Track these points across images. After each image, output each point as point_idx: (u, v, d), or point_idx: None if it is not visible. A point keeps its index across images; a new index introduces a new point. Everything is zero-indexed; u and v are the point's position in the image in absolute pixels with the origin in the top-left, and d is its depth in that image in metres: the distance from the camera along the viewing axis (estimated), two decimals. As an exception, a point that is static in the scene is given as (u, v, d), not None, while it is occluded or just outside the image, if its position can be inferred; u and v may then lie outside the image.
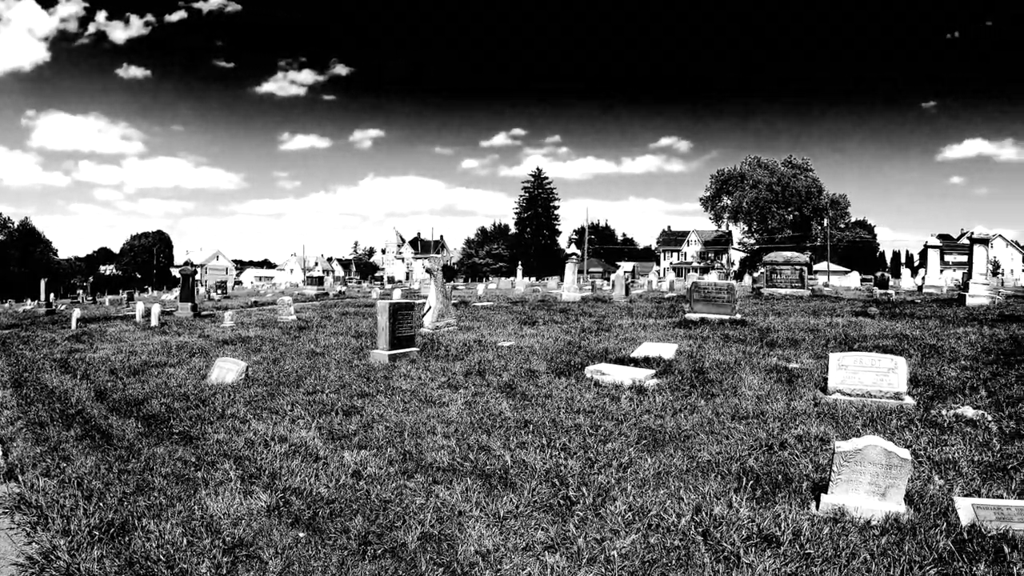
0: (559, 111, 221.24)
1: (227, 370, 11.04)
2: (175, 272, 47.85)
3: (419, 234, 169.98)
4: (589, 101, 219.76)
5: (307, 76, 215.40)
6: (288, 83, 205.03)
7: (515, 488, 5.88)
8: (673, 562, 4.56)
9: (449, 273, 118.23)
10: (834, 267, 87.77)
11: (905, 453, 5.27)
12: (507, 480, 6.10)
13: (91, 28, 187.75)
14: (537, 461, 6.57)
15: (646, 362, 11.88)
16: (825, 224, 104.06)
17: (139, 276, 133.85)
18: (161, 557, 4.69)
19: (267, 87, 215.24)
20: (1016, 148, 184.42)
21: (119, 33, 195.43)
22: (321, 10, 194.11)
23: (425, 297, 18.37)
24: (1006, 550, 4.61)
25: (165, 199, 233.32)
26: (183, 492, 5.97)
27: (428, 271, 18.71)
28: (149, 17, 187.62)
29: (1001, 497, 5.72)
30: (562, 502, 5.58)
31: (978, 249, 29.22)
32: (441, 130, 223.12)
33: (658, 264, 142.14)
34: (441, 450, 6.97)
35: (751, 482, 6.00)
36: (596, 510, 5.39)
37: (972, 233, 29.77)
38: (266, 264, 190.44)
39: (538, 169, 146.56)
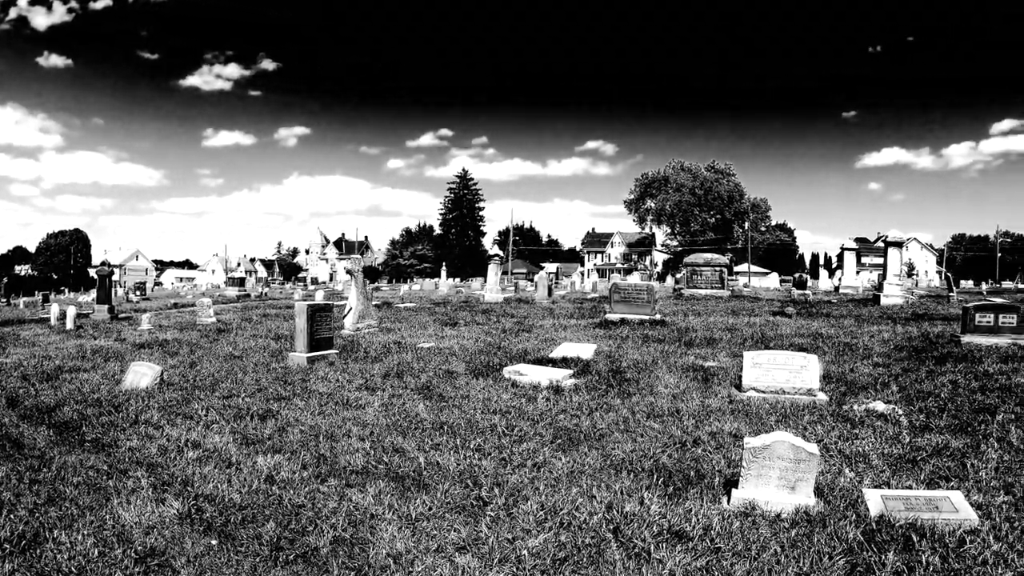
0: (487, 112, 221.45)
1: (142, 375, 10.68)
2: (93, 273, 46.09)
3: (343, 234, 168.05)
4: (517, 103, 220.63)
5: (233, 70, 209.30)
6: (214, 77, 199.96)
7: (429, 490, 5.87)
8: (584, 559, 4.59)
9: (373, 274, 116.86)
10: (755, 268, 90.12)
11: (813, 448, 5.39)
12: (421, 482, 6.08)
13: (12, 13, 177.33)
14: (451, 462, 6.58)
15: (564, 362, 11.95)
16: (746, 227, 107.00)
17: (56, 277, 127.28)
18: (73, 569, 4.53)
19: (192, 80, 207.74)
20: (932, 157, 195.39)
21: (41, 19, 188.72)
22: (250, 3, 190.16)
23: (347, 298, 18.09)
24: (914, 539, 4.75)
25: (84, 196, 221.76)
26: (95, 501, 5.75)
27: (349, 272, 18.46)
28: (73, 3, 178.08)
29: (910, 488, 5.93)
30: (475, 503, 5.59)
31: (892, 252, 30.48)
32: (368, 129, 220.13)
33: (582, 265, 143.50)
34: (356, 453, 6.90)
35: (664, 479, 6.10)
36: (508, 510, 5.40)
37: (887, 236, 30.97)
38: (187, 265, 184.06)
39: (464, 170, 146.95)
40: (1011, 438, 7.37)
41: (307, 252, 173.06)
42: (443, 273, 74.48)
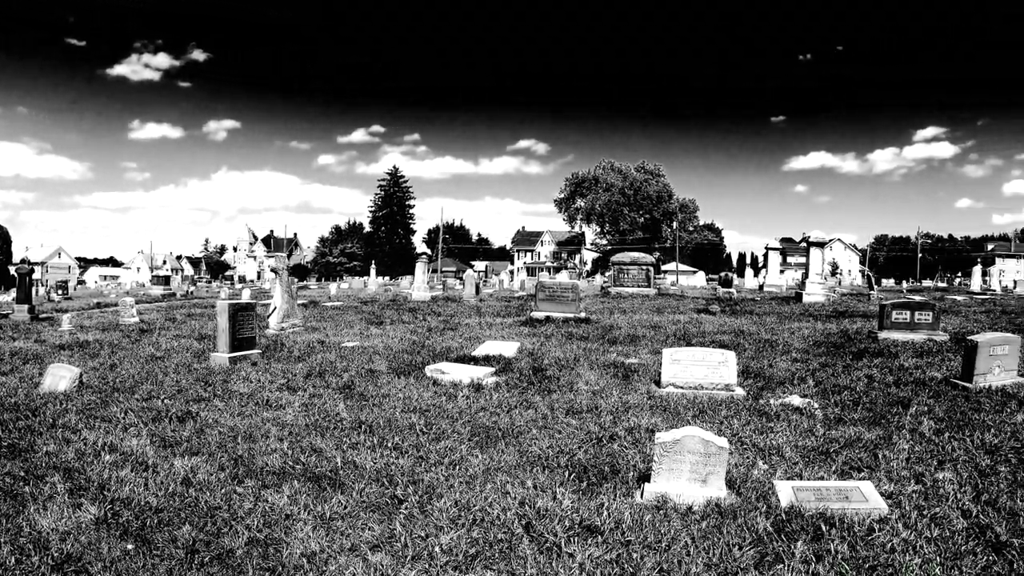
0: (419, 109, 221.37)
1: (60, 377, 10.32)
2: (12, 271, 43.92)
3: (272, 232, 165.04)
4: (450, 101, 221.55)
5: (162, 60, 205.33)
6: (142, 66, 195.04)
7: (345, 489, 5.85)
8: (496, 555, 4.62)
9: (302, 272, 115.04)
10: (683, 267, 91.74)
11: (722, 442, 5.50)
12: (337, 481, 6.06)
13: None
14: (368, 461, 6.56)
15: (486, 360, 11.96)
16: (675, 227, 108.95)
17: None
18: (-10, 579, 4.42)
19: (120, 70, 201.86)
20: (857, 161, 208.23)
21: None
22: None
23: (273, 297, 17.77)
24: (824, 529, 4.88)
25: (4, 189, 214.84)
26: (11, 508, 5.57)
27: (274, 270, 18.16)
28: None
29: (822, 479, 6.08)
30: (390, 501, 5.59)
31: (814, 251, 31.40)
32: (299, 124, 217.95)
33: (512, 264, 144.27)
34: (273, 454, 6.84)
35: (579, 474, 6.17)
36: (423, 508, 5.42)
37: (809, 237, 31.82)
38: (112, 262, 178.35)
39: (394, 167, 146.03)
40: (923, 429, 7.65)
41: (235, 250, 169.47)
42: (372, 271, 73.79)
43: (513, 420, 8.12)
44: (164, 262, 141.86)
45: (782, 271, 44.28)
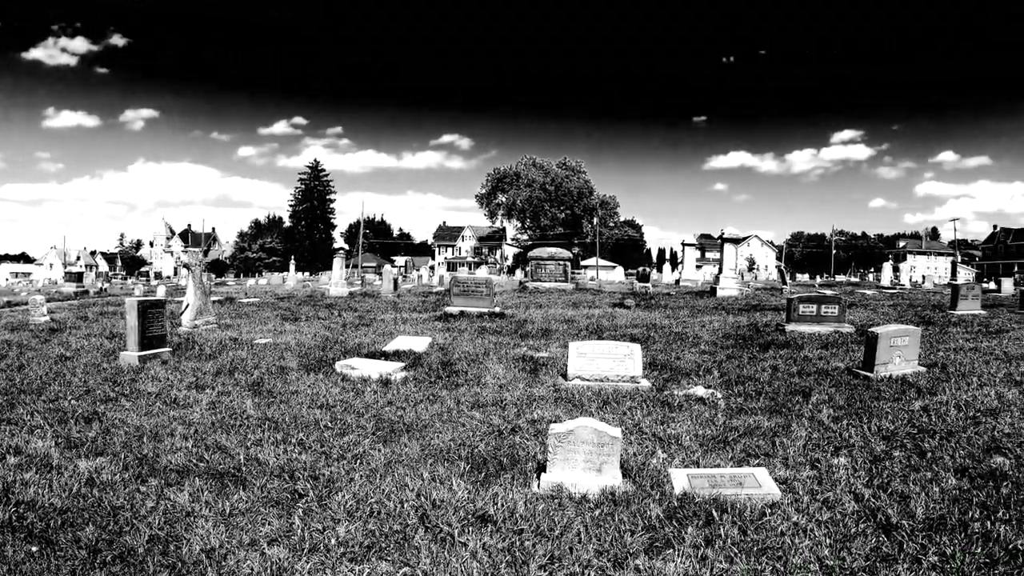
0: (343, 102, 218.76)
1: None
2: None
3: (190, 226, 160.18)
4: (374, 94, 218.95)
5: (80, 44, 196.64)
6: (59, 50, 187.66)
7: (247, 485, 5.85)
8: (391, 546, 4.68)
9: (220, 268, 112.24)
10: (603, 263, 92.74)
11: (616, 431, 5.62)
12: (240, 478, 6.04)
13: None
14: (271, 457, 6.56)
15: (397, 355, 11.91)
16: (595, 223, 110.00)
17: None
18: None
19: (35, 54, 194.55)
20: (776, 162, 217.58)
21: None
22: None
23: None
24: (715, 514, 5.01)
25: None
26: None
27: (186, 266, 17.60)
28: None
29: (719, 467, 6.23)
30: (291, 496, 5.62)
31: (728, 247, 32.17)
32: (219, 114, 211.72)
33: (433, 259, 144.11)
34: (177, 452, 6.77)
35: (478, 466, 6.25)
36: (322, 501, 5.46)
37: (725, 233, 32.54)
38: (23, 258, 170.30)
39: (315, 160, 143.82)
40: (822, 417, 7.92)
41: (151, 245, 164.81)
42: (291, 267, 72.89)
43: (418, 414, 8.16)
44: (78, 258, 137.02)
45: (699, 266, 45.33)
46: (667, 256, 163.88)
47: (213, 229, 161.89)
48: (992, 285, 48.25)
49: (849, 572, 4.36)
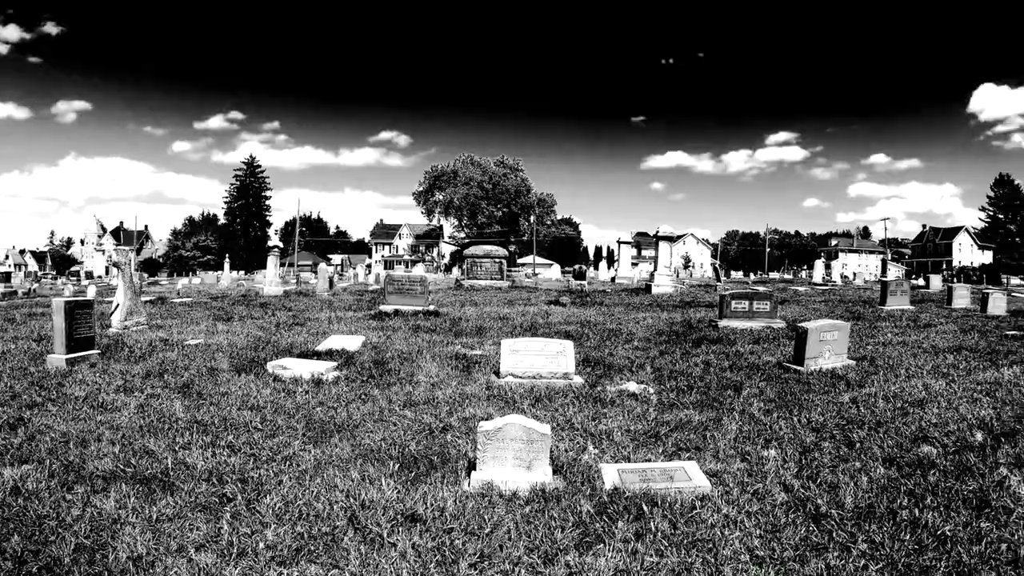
0: (281, 97, 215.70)
1: None
2: None
3: (122, 223, 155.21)
4: (312, 89, 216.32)
5: (12, 32, 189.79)
6: None
7: (174, 490, 5.70)
8: (320, 549, 4.60)
9: (153, 267, 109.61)
10: (540, 260, 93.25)
11: (545, 428, 5.61)
12: (168, 483, 5.88)
13: None
14: (200, 461, 6.41)
15: (329, 355, 11.76)
16: (532, 221, 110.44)
17: None
18: None
19: None
20: (712, 162, 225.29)
21: None
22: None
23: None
24: (646, 508, 5.01)
25: None
26: None
27: (116, 265, 17.10)
28: None
29: (650, 461, 6.25)
30: (219, 500, 5.49)
31: (663, 245, 32.59)
32: (154, 107, 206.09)
33: (370, 257, 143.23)
34: (105, 458, 6.56)
35: (409, 465, 6.15)
36: (250, 505, 5.34)
37: (659, 231, 32.94)
38: None
39: (252, 156, 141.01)
40: (753, 410, 8.04)
41: (82, 243, 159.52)
42: (226, 266, 71.56)
43: (350, 414, 8.04)
44: (7, 257, 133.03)
45: (635, 264, 45.84)
46: (604, 254, 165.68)
47: (146, 227, 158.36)
48: (921, 282, 49.78)
49: (779, 562, 4.38)
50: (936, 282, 42.12)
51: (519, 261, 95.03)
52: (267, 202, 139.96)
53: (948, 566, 4.33)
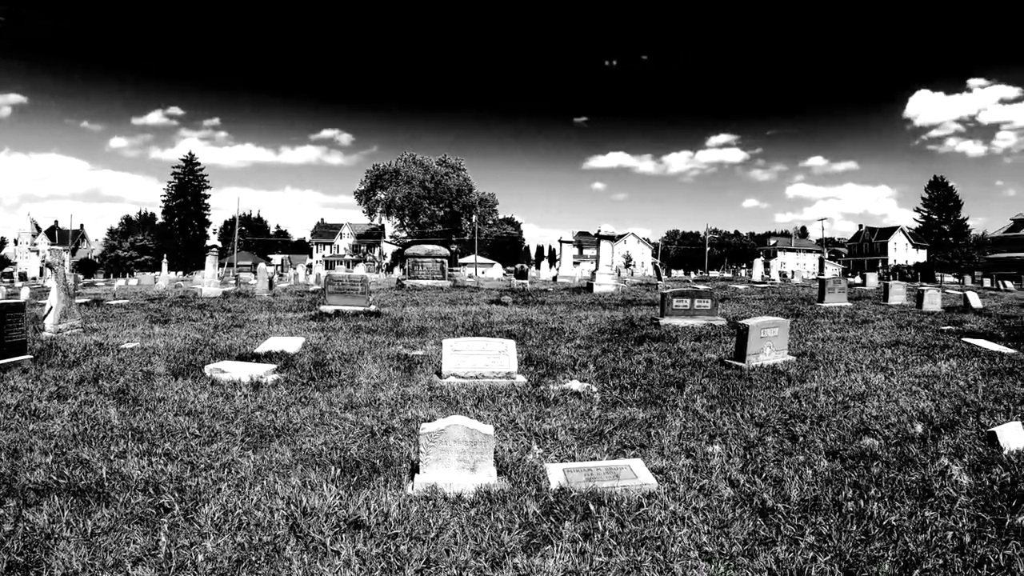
0: (221, 93, 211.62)
1: None
2: None
3: (57, 223, 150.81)
4: (254, 85, 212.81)
5: None
6: None
7: (110, 502, 5.47)
8: (262, 559, 4.46)
9: (89, 268, 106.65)
10: (482, 260, 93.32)
11: (488, 429, 5.54)
12: (103, 494, 5.65)
13: None
14: (136, 470, 6.18)
15: (268, 357, 11.53)
16: (474, 220, 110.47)
17: None
18: None
19: None
20: (653, 162, 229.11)
21: None
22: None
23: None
24: (593, 507, 4.97)
25: None
26: None
27: (49, 266, 16.49)
28: None
29: (595, 459, 6.21)
30: (156, 511, 5.29)
31: (604, 244, 32.84)
32: (91, 101, 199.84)
33: (311, 257, 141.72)
34: (37, 469, 6.27)
35: (351, 470, 6.02)
36: (188, 515, 5.16)
37: (601, 230, 33.17)
38: None
39: (190, 153, 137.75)
40: (697, 407, 8.08)
41: (16, 243, 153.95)
42: (164, 266, 69.88)
43: (290, 418, 7.87)
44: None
45: (577, 263, 46.10)
46: (545, 253, 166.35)
47: (82, 226, 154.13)
48: (858, 280, 51.11)
49: (728, 557, 4.38)
50: (872, 280, 43.29)
51: (461, 261, 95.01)
52: (206, 201, 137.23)
53: (895, 555, 4.38)
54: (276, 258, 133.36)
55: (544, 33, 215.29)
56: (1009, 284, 55.08)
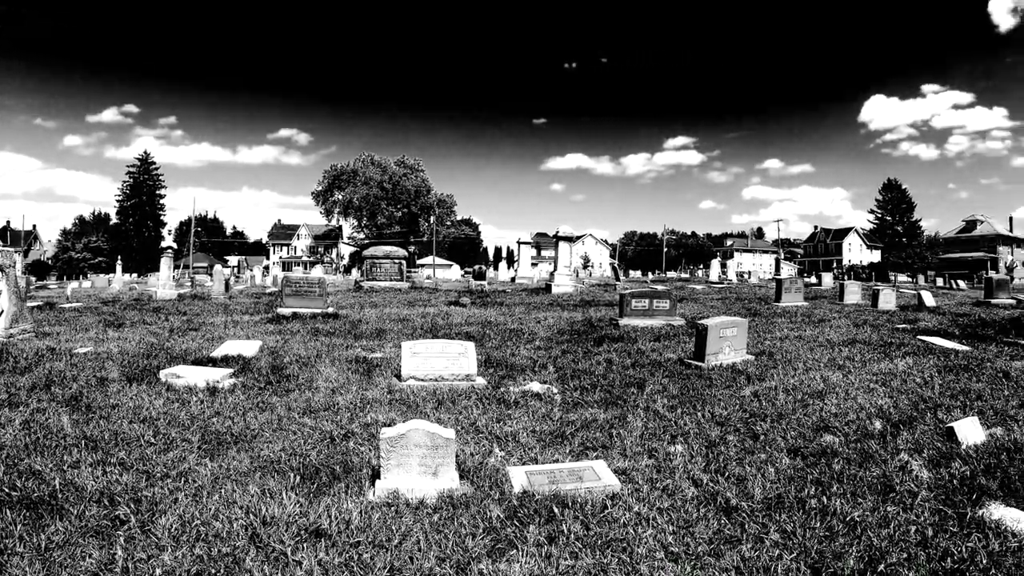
0: (177, 90, 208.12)
1: None
2: None
3: (8, 223, 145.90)
4: (211, 82, 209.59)
5: None
6: None
7: (64, 514, 5.30)
8: (221, 571, 4.36)
9: (42, 270, 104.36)
10: (439, 261, 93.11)
11: (449, 433, 5.47)
12: (56, 506, 5.47)
13: None
14: (90, 481, 6.00)
15: (225, 361, 11.32)
16: (432, 221, 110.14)
17: None
18: None
19: None
20: (611, 164, 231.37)
21: None
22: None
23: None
24: (557, 510, 4.94)
25: None
26: None
27: (0, 268, 16.05)
28: None
29: (557, 462, 6.18)
30: (111, 523, 5.13)
31: (563, 245, 33.00)
32: (45, 98, 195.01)
33: (268, 258, 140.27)
34: None
35: (311, 476, 5.92)
36: (145, 527, 5.02)
37: (559, 232, 33.29)
38: None
39: (145, 152, 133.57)
40: (658, 407, 8.09)
41: None
42: (118, 268, 68.75)
43: (247, 423, 7.71)
44: None
45: (535, 264, 46.24)
46: (503, 254, 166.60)
47: (34, 227, 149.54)
48: (814, 280, 51.95)
49: (694, 557, 4.38)
50: (828, 280, 44.02)
51: (419, 262, 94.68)
52: (162, 201, 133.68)
53: (860, 551, 4.42)
54: (232, 260, 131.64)
55: (505, 35, 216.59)
56: (961, 283, 56.56)
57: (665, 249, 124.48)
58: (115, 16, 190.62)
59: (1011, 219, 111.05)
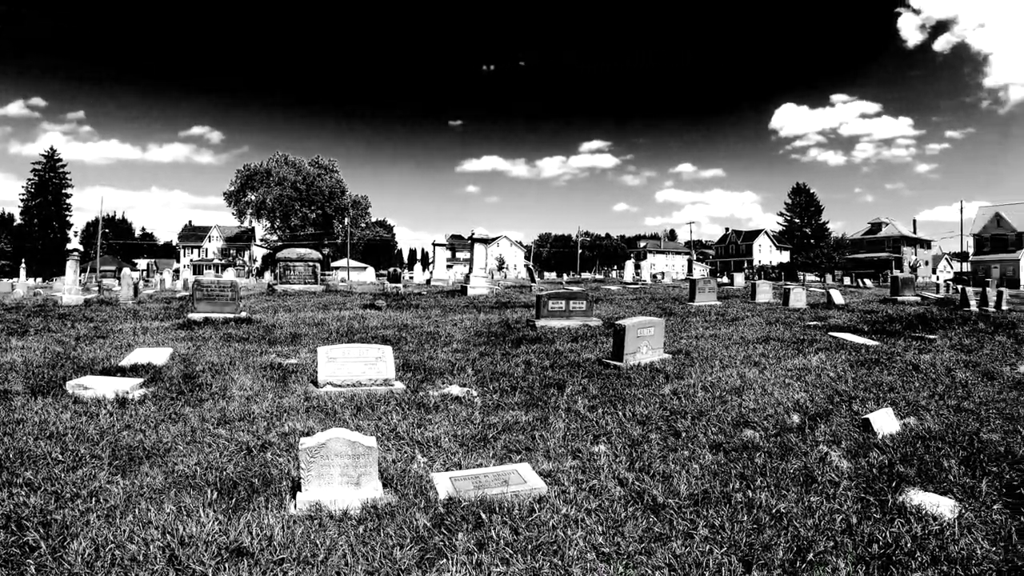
0: (86, 83, 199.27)
1: None
2: None
3: None
4: (120, 77, 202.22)
5: None
6: None
7: None
8: None
9: None
10: (354, 263, 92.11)
11: (370, 441, 5.35)
12: None
13: None
14: None
15: (134, 370, 10.89)
16: (347, 223, 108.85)
17: None
18: None
19: None
20: (527, 167, 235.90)
21: None
22: None
23: None
24: (484, 516, 4.87)
25: None
26: None
27: None
28: None
29: (481, 466, 6.11)
30: (20, 551, 4.83)
31: (478, 247, 33.00)
32: None
33: (179, 261, 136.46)
34: None
35: (228, 491, 5.69)
36: (56, 554, 4.74)
37: (475, 234, 33.29)
38: None
39: (52, 149, 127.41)
40: (579, 408, 8.11)
41: None
42: (22, 272, 65.30)
43: (160, 436, 7.37)
44: None
45: (451, 266, 46.19)
46: (419, 256, 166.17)
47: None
48: (726, 280, 53.35)
49: (626, 556, 4.38)
50: (740, 280, 45.17)
51: (333, 264, 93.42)
52: (68, 201, 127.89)
53: (788, 541, 4.50)
54: (142, 263, 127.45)
55: (423, 35, 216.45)
56: (868, 282, 58.89)
57: (580, 251, 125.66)
58: (19, 3, 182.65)
59: (915, 221, 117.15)
